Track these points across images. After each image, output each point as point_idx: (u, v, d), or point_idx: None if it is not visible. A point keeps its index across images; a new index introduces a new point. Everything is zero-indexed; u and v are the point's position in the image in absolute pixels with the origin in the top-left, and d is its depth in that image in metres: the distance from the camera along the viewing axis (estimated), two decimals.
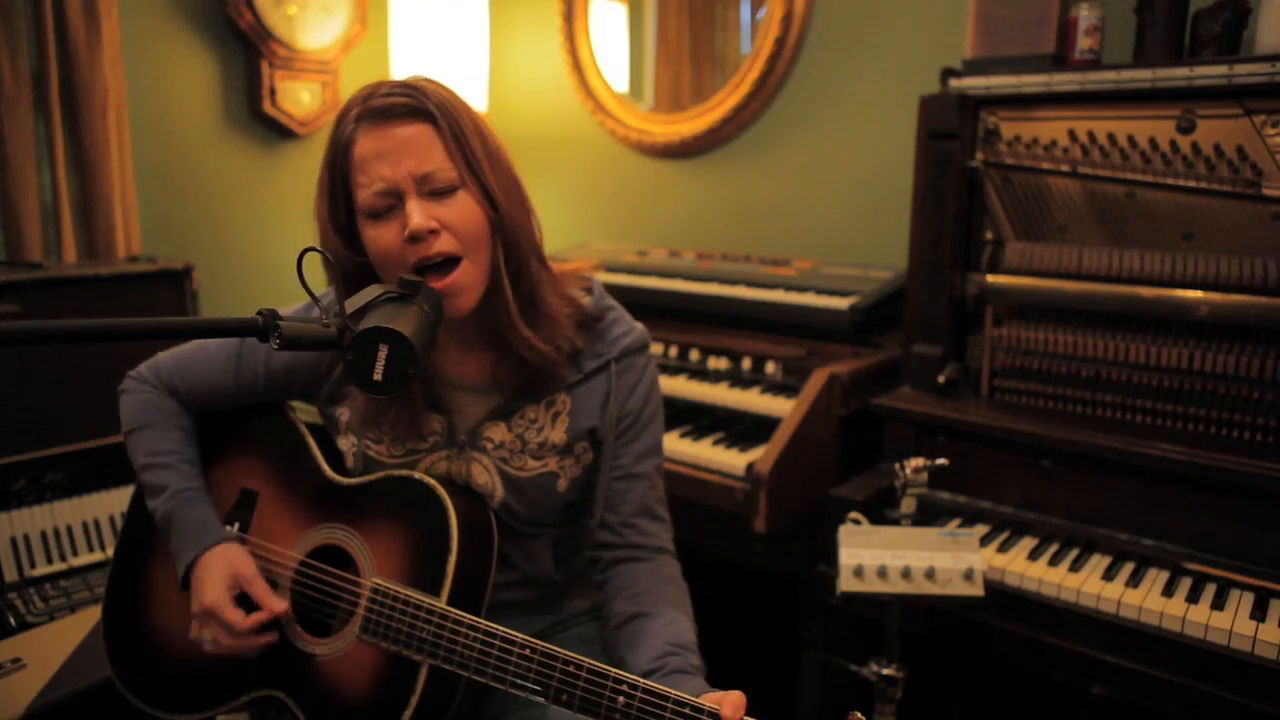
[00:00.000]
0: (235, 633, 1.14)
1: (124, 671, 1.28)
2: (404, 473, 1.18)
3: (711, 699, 0.95)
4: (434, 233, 1.05)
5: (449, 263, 1.07)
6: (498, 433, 1.20)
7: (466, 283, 1.08)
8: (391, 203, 1.06)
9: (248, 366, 1.25)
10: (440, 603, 1.09)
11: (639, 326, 1.27)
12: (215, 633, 1.15)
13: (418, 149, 1.05)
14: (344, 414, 1.24)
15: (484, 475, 1.21)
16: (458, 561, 1.11)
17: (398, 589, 1.11)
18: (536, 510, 1.23)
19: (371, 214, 1.07)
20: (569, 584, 1.35)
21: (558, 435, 1.21)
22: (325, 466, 1.24)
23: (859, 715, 0.93)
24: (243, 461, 1.29)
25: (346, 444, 1.24)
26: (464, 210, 1.07)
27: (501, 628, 1.05)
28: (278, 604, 1.16)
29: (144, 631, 1.27)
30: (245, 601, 1.17)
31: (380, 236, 1.06)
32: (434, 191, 1.06)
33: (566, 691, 1.00)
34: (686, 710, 0.94)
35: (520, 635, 1.04)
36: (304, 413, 1.33)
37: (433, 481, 1.15)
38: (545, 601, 1.31)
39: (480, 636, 1.05)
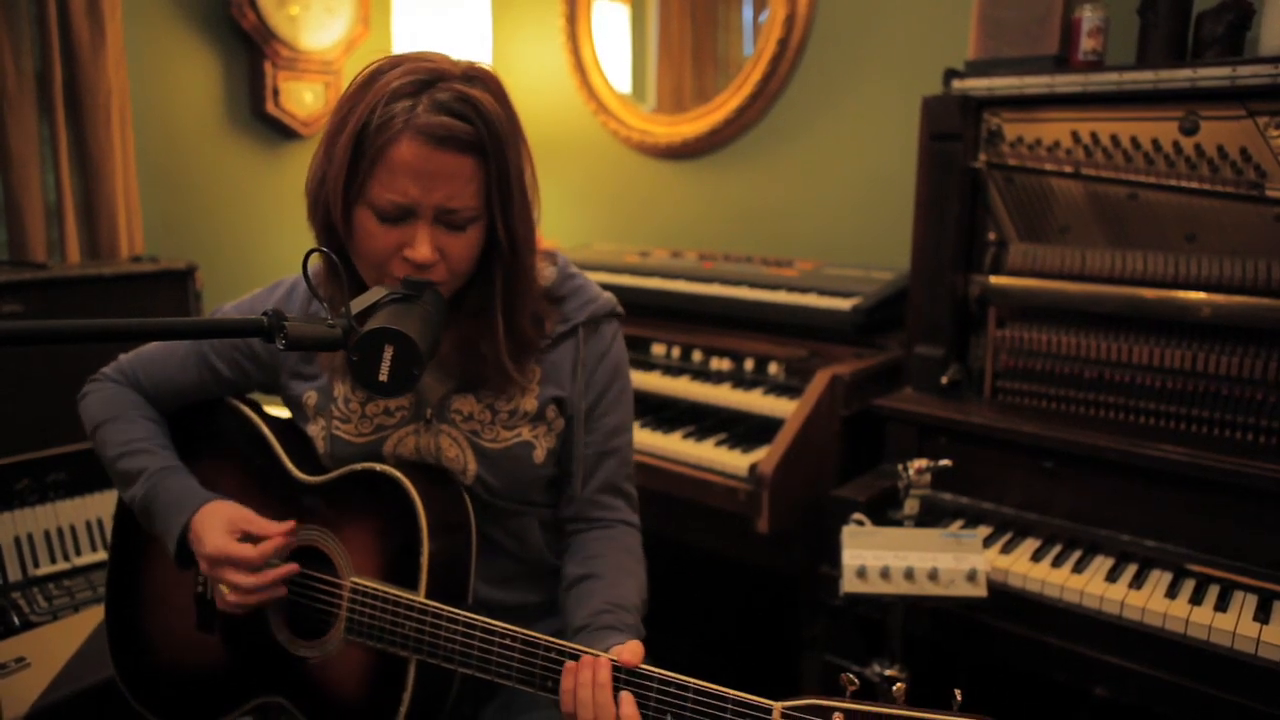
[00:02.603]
0: (251, 565, 1.11)
1: (131, 683, 1.29)
2: (366, 466, 1.16)
3: (612, 652, 0.98)
4: (433, 263, 1.04)
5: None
6: (466, 404, 1.19)
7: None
8: (402, 214, 1.02)
9: (209, 352, 1.24)
10: (419, 597, 1.08)
11: (606, 294, 1.26)
12: (233, 577, 1.11)
13: (455, 183, 1.01)
14: (311, 397, 1.22)
15: (453, 449, 1.19)
16: (431, 553, 1.10)
17: (376, 586, 1.10)
18: (514, 484, 1.21)
19: (378, 213, 1.03)
20: None
21: (528, 403, 1.19)
22: (292, 467, 1.22)
23: (850, 676, 0.93)
24: (213, 471, 1.28)
25: (315, 429, 1.22)
26: (467, 246, 1.06)
27: (481, 618, 1.04)
28: (282, 526, 1.14)
29: (146, 643, 1.28)
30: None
31: (376, 235, 1.03)
32: (449, 223, 1.04)
33: (551, 678, 1.00)
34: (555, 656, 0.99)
35: (500, 624, 1.03)
36: (268, 409, 1.32)
37: (397, 474, 1.13)
38: (550, 605, 1.30)
39: (461, 629, 1.05)
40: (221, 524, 1.14)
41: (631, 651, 0.97)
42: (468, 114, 1.00)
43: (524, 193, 1.08)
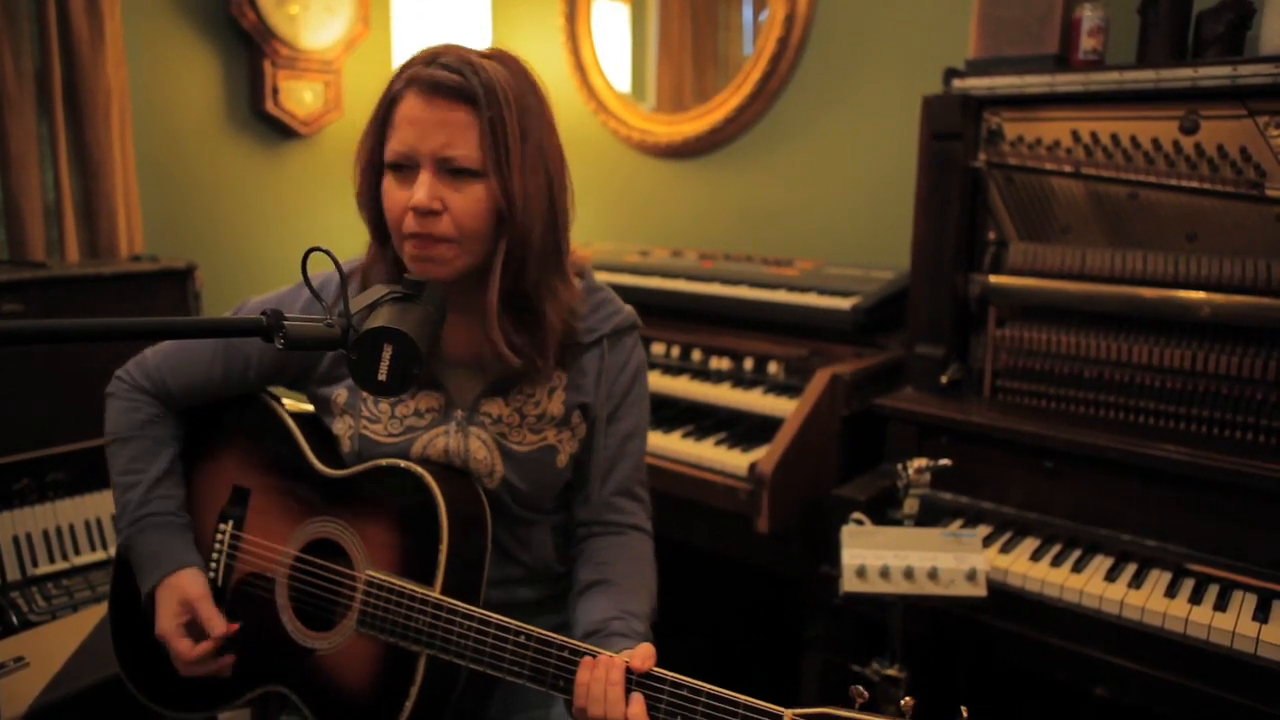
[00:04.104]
0: (185, 663, 1.18)
1: (131, 669, 1.28)
2: (390, 462, 1.17)
3: (624, 654, 1.00)
4: (436, 213, 1.06)
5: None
6: (495, 407, 1.20)
7: (447, 256, 1.09)
8: (406, 163, 1.08)
9: (238, 353, 1.24)
10: (434, 593, 1.09)
11: (628, 308, 1.30)
12: (173, 658, 1.19)
13: (450, 130, 1.05)
14: (340, 395, 1.23)
15: (482, 450, 1.20)
16: (449, 550, 1.11)
17: (392, 580, 1.11)
18: (537, 487, 1.23)
19: (392, 167, 1.09)
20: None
21: (555, 407, 1.22)
22: (314, 459, 1.23)
23: (860, 689, 0.94)
24: (232, 459, 1.28)
25: (342, 426, 1.23)
26: (473, 201, 1.07)
27: (496, 616, 1.05)
28: (220, 627, 1.18)
29: (148, 630, 1.27)
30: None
31: (392, 192, 1.09)
32: (452, 171, 1.07)
33: (564, 678, 1.01)
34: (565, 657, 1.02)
35: (514, 623, 1.04)
36: (289, 401, 1.32)
37: (419, 469, 1.14)
38: (551, 601, 1.31)
39: (475, 625, 1.06)
40: (175, 604, 1.19)
41: (642, 657, 0.99)
42: (463, 69, 1.06)
43: (528, 152, 1.09)
